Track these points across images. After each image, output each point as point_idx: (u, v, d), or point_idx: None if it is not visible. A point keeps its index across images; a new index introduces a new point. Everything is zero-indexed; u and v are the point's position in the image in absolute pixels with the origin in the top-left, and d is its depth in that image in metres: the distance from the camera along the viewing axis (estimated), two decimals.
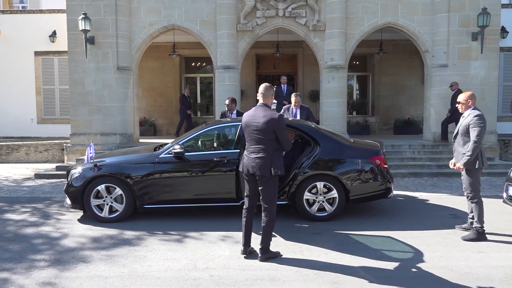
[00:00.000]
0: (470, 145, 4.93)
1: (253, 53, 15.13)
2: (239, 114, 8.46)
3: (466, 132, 5.02)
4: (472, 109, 5.12)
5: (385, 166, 5.99)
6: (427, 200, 7.23)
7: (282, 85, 11.57)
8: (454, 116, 10.55)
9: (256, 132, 4.28)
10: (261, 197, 4.36)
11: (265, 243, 4.39)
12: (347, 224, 5.72)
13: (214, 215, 6.17)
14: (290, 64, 16.16)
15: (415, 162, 10.29)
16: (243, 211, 4.50)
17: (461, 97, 5.20)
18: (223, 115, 8.34)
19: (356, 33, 11.25)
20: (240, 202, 5.65)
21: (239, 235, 5.07)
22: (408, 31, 11.27)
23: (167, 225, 5.68)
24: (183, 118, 13.63)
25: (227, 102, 8.36)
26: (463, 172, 5.10)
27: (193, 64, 16.08)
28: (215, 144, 6.28)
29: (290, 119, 6.84)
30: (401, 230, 5.43)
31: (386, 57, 14.97)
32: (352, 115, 15.27)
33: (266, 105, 4.39)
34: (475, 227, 5.07)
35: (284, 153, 4.99)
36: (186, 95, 13.56)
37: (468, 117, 5.06)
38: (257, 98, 4.54)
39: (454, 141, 5.24)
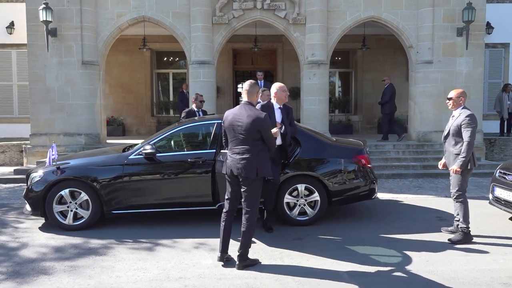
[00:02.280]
0: (464, 147, 5.03)
1: (230, 47, 15.11)
2: (204, 113, 8.41)
3: (458, 132, 5.12)
4: (462, 108, 5.22)
5: (369, 165, 6.07)
6: (412, 202, 7.36)
7: (259, 81, 11.57)
8: (384, 110, 11.60)
9: (240, 132, 4.27)
10: (243, 200, 4.35)
11: (244, 249, 4.38)
12: (329, 228, 5.76)
13: (188, 221, 6.11)
14: (269, 59, 16.21)
15: (399, 163, 10.48)
16: (222, 214, 4.47)
17: (452, 94, 5.28)
18: (190, 114, 8.18)
19: (338, 28, 11.38)
20: (217, 206, 5.62)
21: (215, 242, 5.04)
22: (392, 25, 11.47)
23: (137, 232, 5.60)
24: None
25: (194, 98, 8.29)
26: (450, 171, 5.20)
27: (165, 58, 15.94)
28: (189, 144, 6.23)
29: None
30: (386, 234, 5.51)
31: (369, 53, 15.19)
32: (334, 113, 15.44)
33: (251, 104, 4.39)
34: (461, 227, 5.20)
35: None
36: (185, 91, 13.33)
37: (459, 116, 5.14)
38: (241, 96, 4.54)
39: (444, 142, 5.34)
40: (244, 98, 4.43)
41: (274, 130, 4.57)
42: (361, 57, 15.52)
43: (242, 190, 4.34)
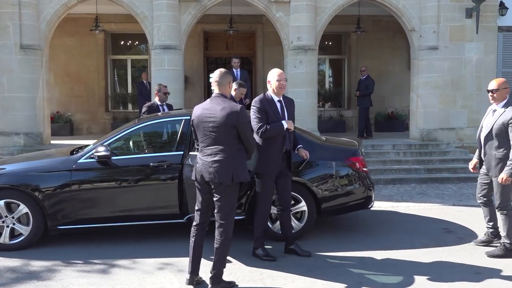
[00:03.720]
0: None
1: (201, 29, 15.06)
2: (170, 107, 8.38)
3: (504, 132, 5.10)
4: (506, 101, 5.22)
5: (365, 169, 6.14)
6: (415, 212, 7.48)
7: (234, 70, 11.55)
8: (364, 104, 12.11)
9: (212, 129, 4.27)
10: (216, 211, 4.35)
11: (218, 269, 4.38)
12: (319, 243, 5.80)
13: (151, 237, 6.08)
14: (246, 43, 16.21)
15: (400, 166, 10.64)
16: (192, 229, 4.47)
17: (494, 84, 5.26)
18: (152, 109, 8.13)
19: (328, 6, 11.48)
20: (185, 219, 5.60)
21: (183, 262, 5.03)
22: (390, 5, 11.64)
23: (89, 252, 5.54)
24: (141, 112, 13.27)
25: (157, 90, 8.24)
26: (494, 179, 5.24)
27: (122, 42, 15.80)
28: (151, 145, 6.20)
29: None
30: (385, 250, 5.59)
31: (364, 37, 15.35)
32: (324, 108, 15.56)
33: (223, 95, 4.40)
34: (503, 242, 5.29)
35: None
36: (145, 82, 13.19)
37: (505, 113, 5.13)
38: (211, 88, 4.56)
39: (483, 141, 5.31)
40: (215, 90, 4.44)
41: (288, 125, 4.91)
42: (355, 41, 15.68)
43: (214, 199, 4.34)
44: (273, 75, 5.26)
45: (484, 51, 11.64)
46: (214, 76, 4.45)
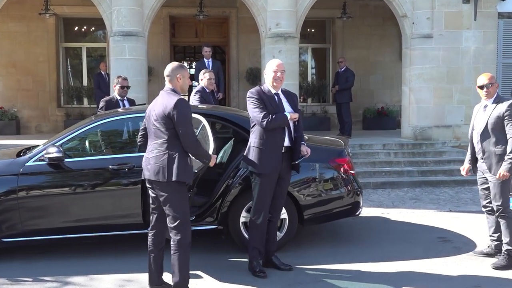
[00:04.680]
0: (511, 144, 5.14)
1: (166, 14, 14.98)
2: (132, 103, 8.32)
3: (500, 127, 5.24)
4: (496, 95, 5.38)
5: (352, 172, 6.18)
6: (407, 219, 7.56)
7: (206, 60, 11.54)
8: (344, 98, 12.35)
9: (154, 123, 4.45)
10: (167, 215, 4.45)
11: (180, 283, 4.42)
12: (300, 255, 5.82)
13: (110, 250, 6.03)
14: (219, 30, 16.17)
15: (391, 168, 10.75)
16: (149, 239, 4.56)
17: (484, 80, 5.39)
18: (110, 104, 8.07)
19: None
20: (150, 229, 5.55)
21: (146, 278, 4.99)
22: None
23: (39, 268, 5.47)
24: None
25: (115, 82, 8.18)
26: (491, 179, 5.34)
27: (76, 28, 15.65)
28: (110, 146, 6.15)
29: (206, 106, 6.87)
30: (374, 261, 5.63)
31: (351, 24, 15.46)
32: (306, 103, 15.61)
33: (174, 91, 4.53)
34: (506, 250, 5.36)
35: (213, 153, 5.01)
36: (103, 73, 13.01)
37: (498, 106, 5.28)
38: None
39: (479, 139, 5.41)
40: (166, 84, 4.60)
41: (293, 115, 5.04)
42: (340, 28, 15.78)
43: (160, 199, 4.46)
44: (269, 66, 5.30)
45: (483, 39, 11.84)
46: (165, 70, 4.63)
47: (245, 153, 5.26)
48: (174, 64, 4.68)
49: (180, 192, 4.42)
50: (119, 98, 8.15)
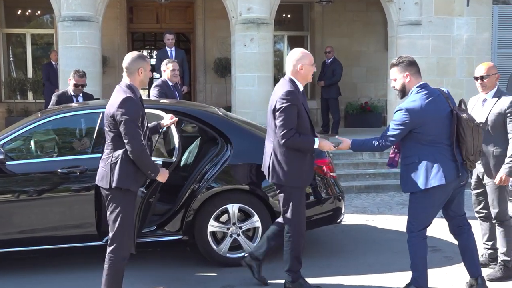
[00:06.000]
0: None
1: None
2: (88, 97, 8.27)
3: (499, 124, 5.26)
4: (497, 89, 5.39)
5: (332, 174, 6.25)
6: (394, 227, 7.63)
7: (168, 49, 11.51)
8: (332, 93, 12.69)
9: (106, 124, 4.49)
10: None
11: None
12: (276, 267, 5.80)
13: (60, 265, 5.99)
14: (183, 16, 16.13)
15: (376, 170, 10.87)
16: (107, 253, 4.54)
17: (482, 70, 5.36)
18: (62, 99, 8.01)
19: None
20: (104, 241, 5.54)
21: None
22: None
23: None
24: (49, 102, 12.93)
25: (71, 77, 8.14)
26: (488, 183, 5.40)
27: (19, 12, 15.47)
28: (60, 146, 6.11)
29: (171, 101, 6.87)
30: (357, 274, 5.70)
31: (331, 9, 15.55)
32: None
33: (130, 87, 4.51)
34: (502, 260, 5.43)
35: (178, 154, 5.01)
36: (54, 63, 12.84)
37: (501, 101, 5.28)
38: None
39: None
40: (123, 77, 4.57)
41: (323, 145, 4.95)
42: (320, 14, 15.87)
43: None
44: (295, 59, 5.03)
45: (476, 27, 12.00)
46: (123, 62, 4.56)
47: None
48: (134, 54, 4.61)
49: (126, 200, 4.42)
50: (73, 93, 8.09)
